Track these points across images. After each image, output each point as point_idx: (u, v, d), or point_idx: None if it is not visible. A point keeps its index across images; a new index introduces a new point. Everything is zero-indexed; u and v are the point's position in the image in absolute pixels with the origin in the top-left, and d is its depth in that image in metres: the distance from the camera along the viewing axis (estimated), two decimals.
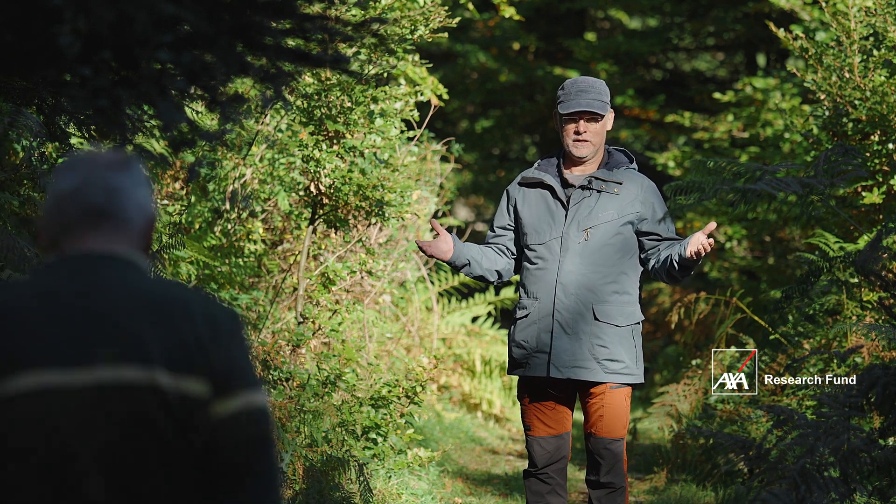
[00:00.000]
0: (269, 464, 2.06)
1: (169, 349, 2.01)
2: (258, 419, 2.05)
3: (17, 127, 5.27)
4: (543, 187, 5.00)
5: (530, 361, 4.94)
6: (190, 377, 2.02)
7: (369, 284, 8.62)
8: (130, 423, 1.97)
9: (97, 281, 2.06)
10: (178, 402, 2.00)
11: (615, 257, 4.91)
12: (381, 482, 6.44)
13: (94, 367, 1.97)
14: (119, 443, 1.97)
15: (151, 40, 2.73)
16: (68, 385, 1.96)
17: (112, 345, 1.99)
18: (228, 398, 2.04)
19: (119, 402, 1.97)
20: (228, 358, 2.05)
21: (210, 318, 2.07)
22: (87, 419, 1.95)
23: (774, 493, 3.46)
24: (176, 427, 1.99)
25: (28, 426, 1.94)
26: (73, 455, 1.95)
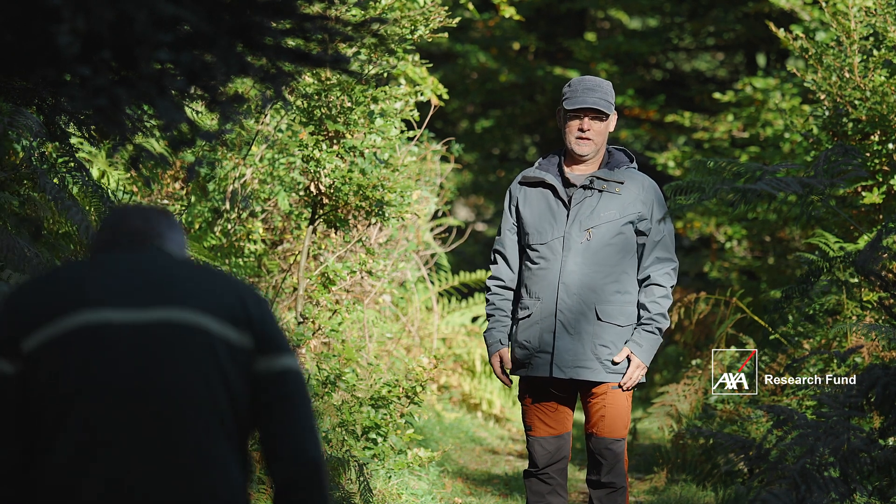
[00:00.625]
0: (314, 420, 2.39)
1: (216, 304, 2.32)
2: (300, 381, 2.39)
3: (16, 127, 5.27)
4: (545, 186, 4.99)
5: (533, 361, 4.93)
6: (233, 328, 2.32)
7: (369, 284, 8.62)
8: (186, 355, 2.26)
9: (147, 254, 2.38)
10: (222, 345, 2.30)
11: (617, 257, 4.90)
12: (381, 482, 6.44)
13: (149, 308, 2.27)
14: (174, 369, 2.25)
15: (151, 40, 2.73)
16: (127, 321, 2.25)
17: (168, 295, 2.29)
18: (271, 357, 2.36)
19: (173, 337, 2.26)
20: (267, 323, 2.37)
21: (247, 293, 2.40)
22: (146, 348, 2.24)
23: (774, 493, 3.46)
24: (217, 365, 2.28)
25: (94, 353, 2.23)
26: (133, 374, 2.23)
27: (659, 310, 4.88)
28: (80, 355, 2.24)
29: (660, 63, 18.43)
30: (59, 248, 5.82)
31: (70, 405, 2.23)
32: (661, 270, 4.93)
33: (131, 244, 2.40)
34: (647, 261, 4.94)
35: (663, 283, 4.91)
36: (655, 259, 4.94)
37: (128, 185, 7.16)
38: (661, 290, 4.91)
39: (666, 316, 4.91)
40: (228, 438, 2.30)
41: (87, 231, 5.41)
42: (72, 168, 5.54)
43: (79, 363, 2.23)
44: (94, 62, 2.75)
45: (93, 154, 6.98)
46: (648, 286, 4.92)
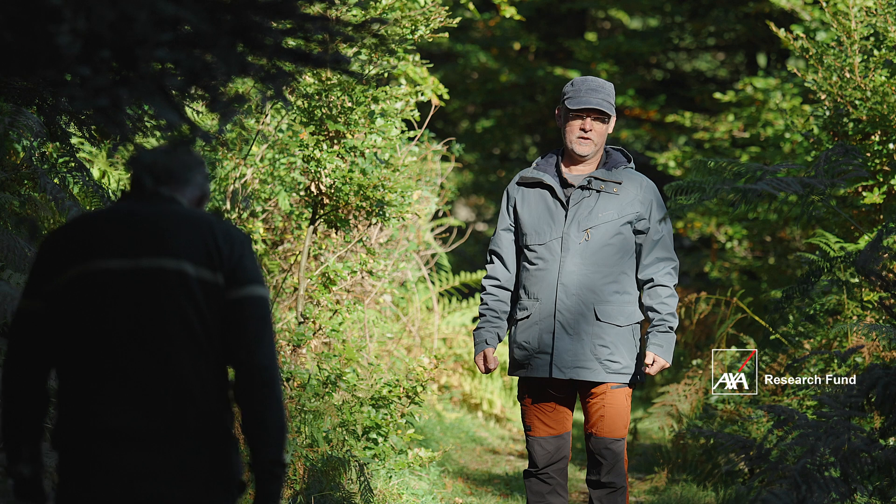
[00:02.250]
0: (267, 333, 2.92)
1: (193, 250, 2.89)
2: (260, 304, 2.92)
3: (17, 127, 5.27)
4: (543, 187, 4.99)
5: (532, 362, 4.93)
6: (207, 270, 2.89)
7: (370, 284, 8.62)
8: (166, 293, 2.87)
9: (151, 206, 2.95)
10: (197, 284, 2.88)
11: (615, 257, 4.90)
12: (381, 482, 6.44)
13: (140, 258, 2.88)
14: (160, 304, 2.87)
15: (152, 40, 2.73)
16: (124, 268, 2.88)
17: (157, 246, 2.88)
18: (237, 287, 2.91)
19: (158, 280, 2.87)
20: (238, 260, 2.91)
21: (227, 233, 2.94)
22: (138, 289, 2.87)
23: (775, 493, 3.46)
24: (193, 299, 2.88)
25: (98, 293, 2.87)
26: (127, 310, 2.86)
27: (668, 310, 4.91)
28: (90, 294, 2.87)
29: (660, 63, 18.43)
30: None
31: (81, 333, 2.87)
32: (662, 270, 4.93)
33: (152, 194, 2.98)
34: (648, 260, 4.94)
35: (667, 283, 4.92)
36: (656, 259, 4.94)
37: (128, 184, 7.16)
38: (666, 290, 4.92)
39: (675, 314, 4.94)
40: (205, 357, 2.89)
41: None
42: (72, 168, 5.55)
43: (88, 301, 2.87)
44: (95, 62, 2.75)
45: (93, 154, 6.98)
46: (653, 288, 4.92)
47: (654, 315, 4.91)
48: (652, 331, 4.92)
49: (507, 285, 5.05)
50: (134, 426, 2.84)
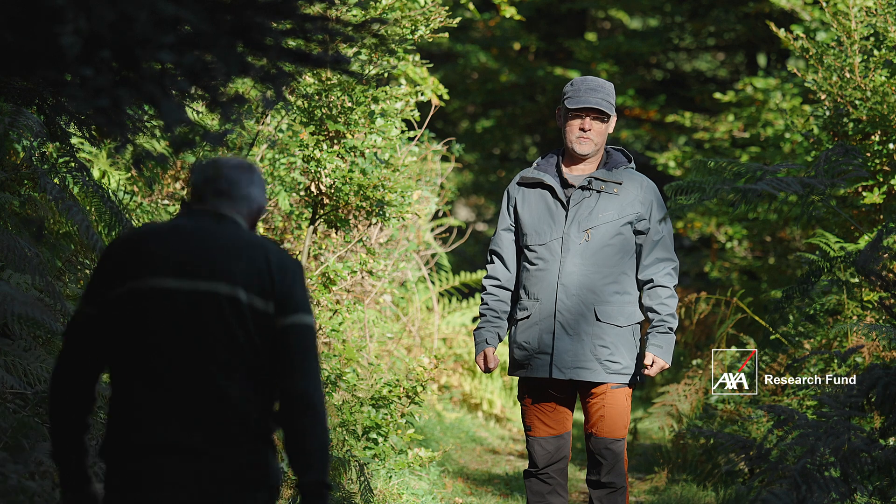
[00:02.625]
0: (312, 361, 3.04)
1: (247, 276, 3.02)
2: (306, 332, 3.05)
3: (17, 127, 5.27)
4: (543, 187, 4.98)
5: (532, 363, 4.93)
6: (259, 298, 3.02)
7: (370, 284, 8.62)
8: (219, 316, 2.99)
9: (212, 226, 3.08)
10: (249, 311, 3.01)
11: (616, 258, 4.90)
12: (381, 482, 6.44)
13: (198, 280, 3.01)
14: (212, 326, 2.99)
15: (152, 40, 2.73)
16: (181, 288, 3.00)
17: (214, 270, 3.01)
18: (285, 316, 3.03)
19: (212, 303, 3.00)
20: (288, 290, 3.04)
21: (280, 263, 3.06)
22: (193, 310, 3.00)
23: (775, 493, 3.46)
24: (244, 327, 3.00)
25: (155, 310, 2.99)
26: (183, 328, 2.99)
27: (668, 311, 4.91)
28: (147, 309, 3.00)
29: (660, 63, 18.43)
30: (59, 248, 5.82)
31: (135, 347, 3.00)
32: (662, 271, 4.93)
33: (213, 212, 3.11)
34: (648, 260, 4.94)
35: (666, 283, 4.92)
36: (656, 259, 4.94)
37: (129, 185, 7.17)
38: (666, 290, 4.91)
39: (675, 315, 4.93)
40: (251, 378, 3.01)
41: (88, 231, 5.41)
42: (73, 168, 5.55)
43: (145, 316, 3.00)
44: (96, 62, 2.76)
45: (94, 154, 6.98)
46: (653, 288, 4.92)
47: (654, 316, 4.91)
48: (652, 331, 4.92)
49: (508, 285, 5.05)
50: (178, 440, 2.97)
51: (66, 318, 5.19)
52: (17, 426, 4.29)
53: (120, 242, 3.10)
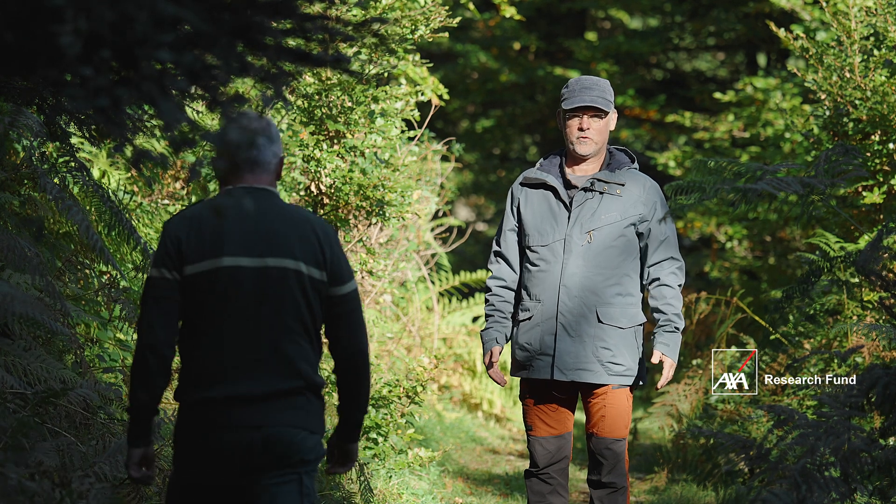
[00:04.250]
0: (361, 320, 3.61)
1: (305, 251, 3.52)
2: (355, 297, 3.60)
3: (17, 126, 5.27)
4: (546, 188, 4.98)
5: (534, 364, 4.92)
6: (316, 269, 3.54)
7: (370, 284, 8.63)
8: (286, 288, 3.50)
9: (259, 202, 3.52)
10: (309, 280, 3.52)
11: (618, 259, 4.89)
12: (381, 482, 6.44)
13: (266, 258, 3.50)
14: (281, 297, 3.49)
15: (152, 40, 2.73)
16: (253, 265, 3.49)
17: (277, 247, 3.50)
18: (338, 285, 3.57)
19: (278, 276, 3.50)
20: (336, 261, 3.57)
21: (325, 235, 3.57)
22: (263, 284, 3.49)
23: (775, 492, 3.46)
24: (305, 294, 3.52)
25: (231, 285, 3.48)
26: (254, 298, 3.48)
27: (674, 310, 4.89)
28: (224, 284, 3.47)
29: (660, 63, 18.43)
30: (59, 247, 5.82)
31: (214, 315, 3.48)
32: (667, 270, 4.91)
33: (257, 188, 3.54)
34: (653, 260, 4.93)
35: (672, 283, 4.90)
36: (661, 259, 4.92)
37: (128, 184, 7.17)
38: (671, 290, 4.90)
39: (680, 315, 4.92)
40: (308, 336, 3.55)
41: (88, 231, 5.41)
42: (72, 168, 5.54)
43: (222, 289, 3.47)
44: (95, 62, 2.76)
45: (93, 154, 6.98)
46: (658, 288, 4.91)
47: (660, 315, 4.91)
48: (658, 330, 4.90)
49: (513, 286, 5.05)
50: (261, 390, 3.48)
51: (66, 318, 5.20)
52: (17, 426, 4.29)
53: (184, 220, 3.53)
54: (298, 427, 3.54)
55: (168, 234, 3.53)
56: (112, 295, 5.66)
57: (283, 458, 3.52)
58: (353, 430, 3.73)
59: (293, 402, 3.54)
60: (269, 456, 3.50)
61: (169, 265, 3.49)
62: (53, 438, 4.48)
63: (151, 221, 6.82)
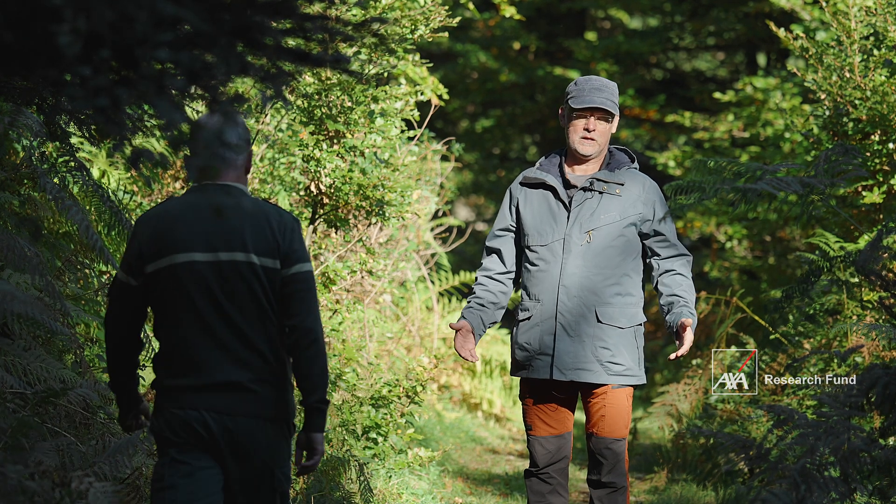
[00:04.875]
0: (313, 302, 3.76)
1: (257, 243, 3.71)
2: (306, 277, 3.76)
3: (17, 126, 5.27)
4: (545, 188, 4.97)
5: (533, 363, 4.92)
6: (268, 258, 3.72)
7: (370, 284, 8.62)
8: (240, 280, 3.69)
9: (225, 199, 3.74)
10: (262, 270, 3.70)
11: (618, 259, 4.88)
12: (381, 482, 6.44)
13: (219, 252, 3.70)
14: (233, 287, 3.69)
15: (151, 40, 2.73)
16: (206, 260, 3.69)
17: (231, 242, 3.70)
18: (289, 267, 3.74)
19: (233, 269, 3.70)
20: (289, 245, 3.74)
21: (280, 223, 3.75)
22: (218, 277, 3.69)
23: (775, 492, 3.46)
24: (261, 282, 3.70)
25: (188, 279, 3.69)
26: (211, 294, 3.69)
27: (691, 297, 4.89)
28: (182, 280, 3.69)
29: (660, 63, 18.43)
30: (59, 247, 5.82)
31: (177, 309, 3.70)
32: (678, 262, 4.94)
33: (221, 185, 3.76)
34: (664, 255, 4.93)
35: (686, 273, 4.92)
36: (673, 255, 4.94)
37: (128, 184, 7.16)
38: (686, 280, 4.91)
39: (694, 305, 4.92)
40: (270, 322, 3.73)
41: (87, 230, 5.41)
42: (72, 168, 5.54)
43: (180, 285, 3.69)
44: (95, 62, 2.75)
45: (93, 154, 6.98)
46: (673, 276, 4.89)
47: (679, 299, 4.84)
48: (678, 308, 4.82)
49: (501, 279, 5.03)
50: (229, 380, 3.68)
51: (65, 317, 5.20)
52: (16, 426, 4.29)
53: (151, 219, 3.77)
54: (258, 416, 3.72)
55: (134, 235, 3.79)
56: None
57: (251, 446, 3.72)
58: (312, 416, 3.78)
59: (254, 390, 3.71)
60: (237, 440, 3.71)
61: (130, 269, 3.75)
62: (53, 438, 4.48)
63: None
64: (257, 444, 3.72)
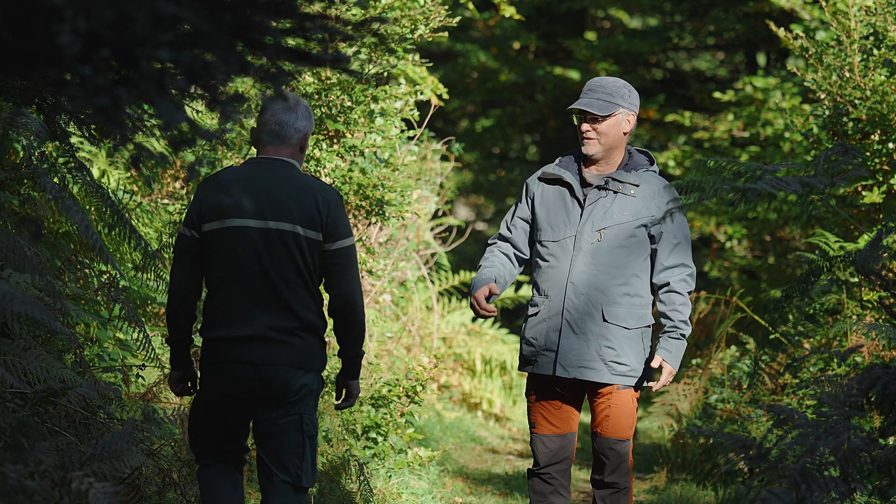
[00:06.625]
0: (354, 273, 4.24)
1: (302, 216, 4.17)
2: (348, 251, 4.23)
3: (17, 126, 5.27)
4: (562, 184, 4.98)
5: (538, 359, 4.93)
6: (312, 230, 4.18)
7: (370, 284, 8.62)
8: (284, 247, 4.16)
9: (273, 175, 4.22)
10: (305, 241, 4.17)
11: (627, 259, 4.87)
12: (381, 481, 6.44)
13: (268, 220, 4.16)
14: (277, 252, 4.15)
15: (152, 39, 2.73)
16: (257, 227, 4.16)
17: (280, 212, 4.17)
18: (331, 242, 4.21)
19: (279, 237, 4.16)
20: (333, 221, 4.20)
21: (325, 199, 4.21)
22: (265, 242, 4.16)
23: (775, 492, 3.46)
24: (301, 251, 4.17)
25: (239, 241, 4.16)
26: (257, 256, 4.16)
27: (681, 317, 4.86)
28: (234, 241, 4.16)
29: (660, 62, 18.43)
30: (59, 247, 5.82)
31: (225, 266, 4.18)
32: (677, 276, 4.87)
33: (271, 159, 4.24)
34: (663, 265, 4.89)
35: (680, 289, 4.86)
36: (671, 264, 4.88)
37: (128, 184, 7.16)
38: (680, 297, 4.87)
39: (688, 322, 4.89)
40: (308, 290, 4.21)
41: (87, 230, 5.41)
42: (72, 167, 5.54)
43: (232, 246, 4.16)
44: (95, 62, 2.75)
45: (93, 153, 6.98)
46: (667, 293, 4.89)
47: (667, 322, 4.89)
48: (663, 336, 4.89)
49: (510, 253, 5.03)
50: (262, 333, 4.14)
51: (65, 317, 5.20)
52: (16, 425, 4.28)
53: (209, 184, 4.25)
54: (291, 365, 4.17)
55: (196, 196, 4.25)
56: (112, 294, 5.66)
57: (279, 394, 4.16)
58: (349, 366, 4.35)
59: (288, 342, 4.16)
60: (267, 390, 4.15)
61: (190, 224, 4.22)
62: (53, 438, 4.47)
63: (151, 221, 6.82)
64: (287, 390, 4.16)
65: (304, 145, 4.30)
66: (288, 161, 4.25)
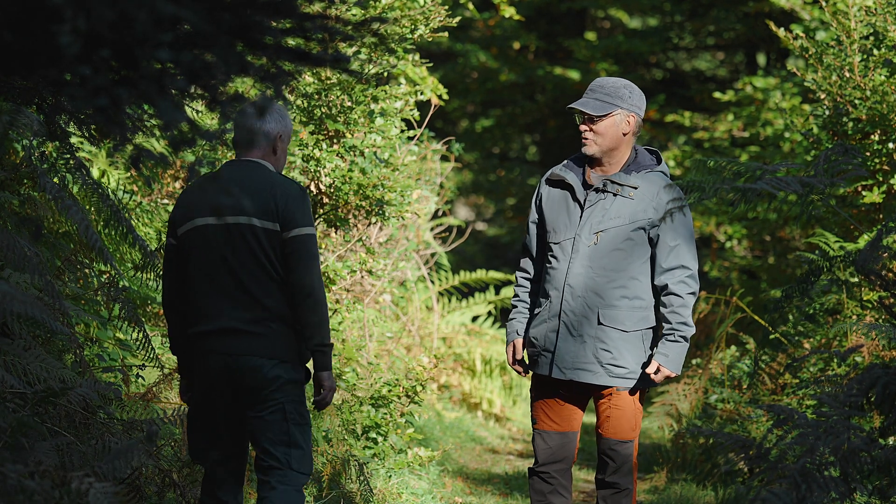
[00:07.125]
0: (311, 260, 4.33)
1: (258, 208, 4.30)
2: (305, 240, 4.33)
3: (17, 126, 5.27)
4: (565, 186, 4.98)
5: (538, 359, 4.94)
6: (269, 221, 4.30)
7: (369, 284, 8.63)
8: (242, 239, 4.31)
9: (239, 174, 4.38)
10: (263, 231, 4.31)
11: (624, 262, 4.84)
12: (381, 481, 6.44)
13: (227, 217, 4.30)
14: (238, 247, 4.31)
15: (151, 39, 2.73)
16: (216, 223, 4.32)
17: (240, 209, 4.29)
18: (288, 230, 4.31)
19: (237, 231, 4.32)
20: (290, 211, 4.31)
21: (284, 192, 4.33)
22: (225, 237, 4.31)
23: (775, 492, 3.46)
24: (260, 242, 4.31)
25: (203, 240, 4.35)
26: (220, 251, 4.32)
27: (680, 319, 4.83)
28: (199, 240, 4.36)
29: (660, 62, 18.43)
30: (59, 247, 5.82)
31: (196, 265, 4.36)
32: (676, 278, 4.84)
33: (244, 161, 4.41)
34: (662, 267, 4.87)
35: (679, 292, 4.83)
36: (670, 266, 4.85)
37: (128, 184, 7.16)
38: (679, 299, 4.83)
39: (688, 323, 4.84)
40: (272, 280, 4.33)
41: (87, 230, 5.41)
42: (72, 167, 5.54)
43: (198, 244, 4.36)
44: (95, 62, 2.75)
45: (93, 153, 6.98)
46: (667, 296, 4.86)
47: (666, 325, 4.87)
48: (662, 339, 4.87)
49: (537, 278, 5.07)
50: (230, 325, 4.30)
51: (65, 317, 5.20)
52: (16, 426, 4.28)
53: (184, 191, 4.47)
54: (260, 355, 4.30)
55: (177, 203, 4.46)
56: (111, 294, 5.66)
57: (255, 384, 4.29)
58: (315, 357, 4.36)
59: (257, 333, 4.30)
60: (242, 380, 4.30)
61: (169, 233, 4.43)
62: (53, 438, 4.47)
63: (151, 221, 6.82)
64: (261, 379, 4.29)
65: (278, 146, 4.45)
66: (258, 162, 4.41)
